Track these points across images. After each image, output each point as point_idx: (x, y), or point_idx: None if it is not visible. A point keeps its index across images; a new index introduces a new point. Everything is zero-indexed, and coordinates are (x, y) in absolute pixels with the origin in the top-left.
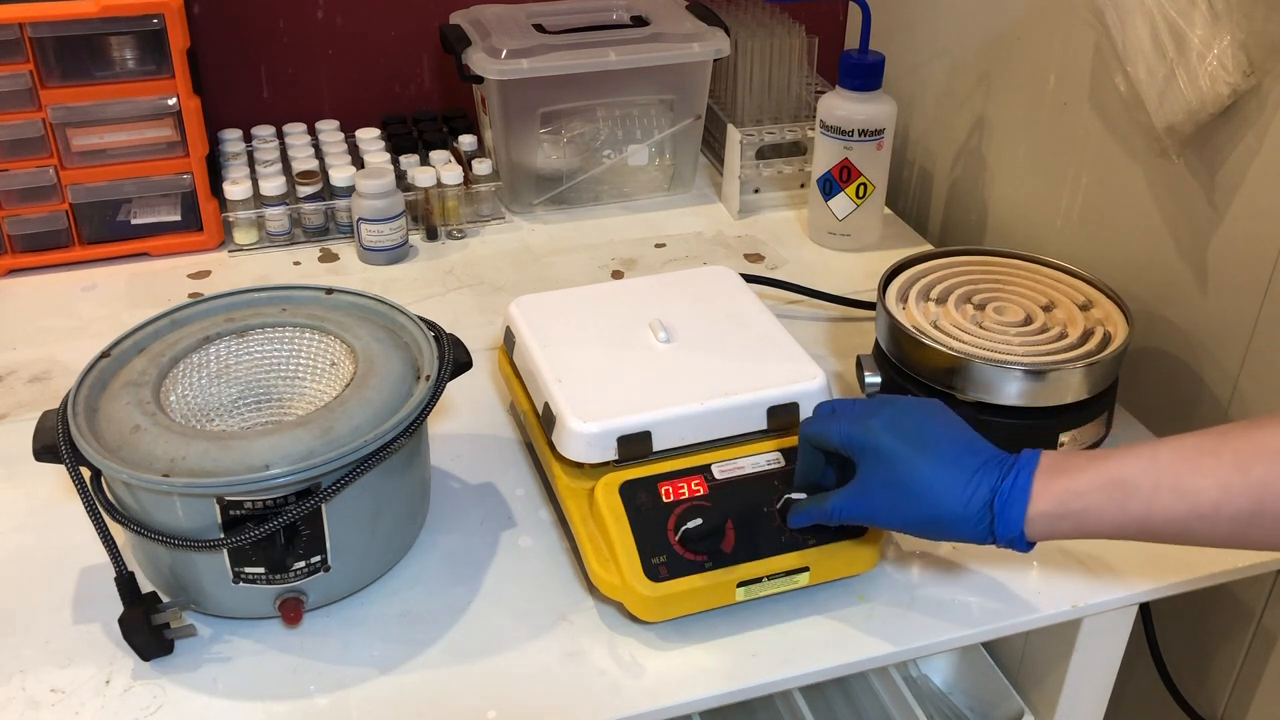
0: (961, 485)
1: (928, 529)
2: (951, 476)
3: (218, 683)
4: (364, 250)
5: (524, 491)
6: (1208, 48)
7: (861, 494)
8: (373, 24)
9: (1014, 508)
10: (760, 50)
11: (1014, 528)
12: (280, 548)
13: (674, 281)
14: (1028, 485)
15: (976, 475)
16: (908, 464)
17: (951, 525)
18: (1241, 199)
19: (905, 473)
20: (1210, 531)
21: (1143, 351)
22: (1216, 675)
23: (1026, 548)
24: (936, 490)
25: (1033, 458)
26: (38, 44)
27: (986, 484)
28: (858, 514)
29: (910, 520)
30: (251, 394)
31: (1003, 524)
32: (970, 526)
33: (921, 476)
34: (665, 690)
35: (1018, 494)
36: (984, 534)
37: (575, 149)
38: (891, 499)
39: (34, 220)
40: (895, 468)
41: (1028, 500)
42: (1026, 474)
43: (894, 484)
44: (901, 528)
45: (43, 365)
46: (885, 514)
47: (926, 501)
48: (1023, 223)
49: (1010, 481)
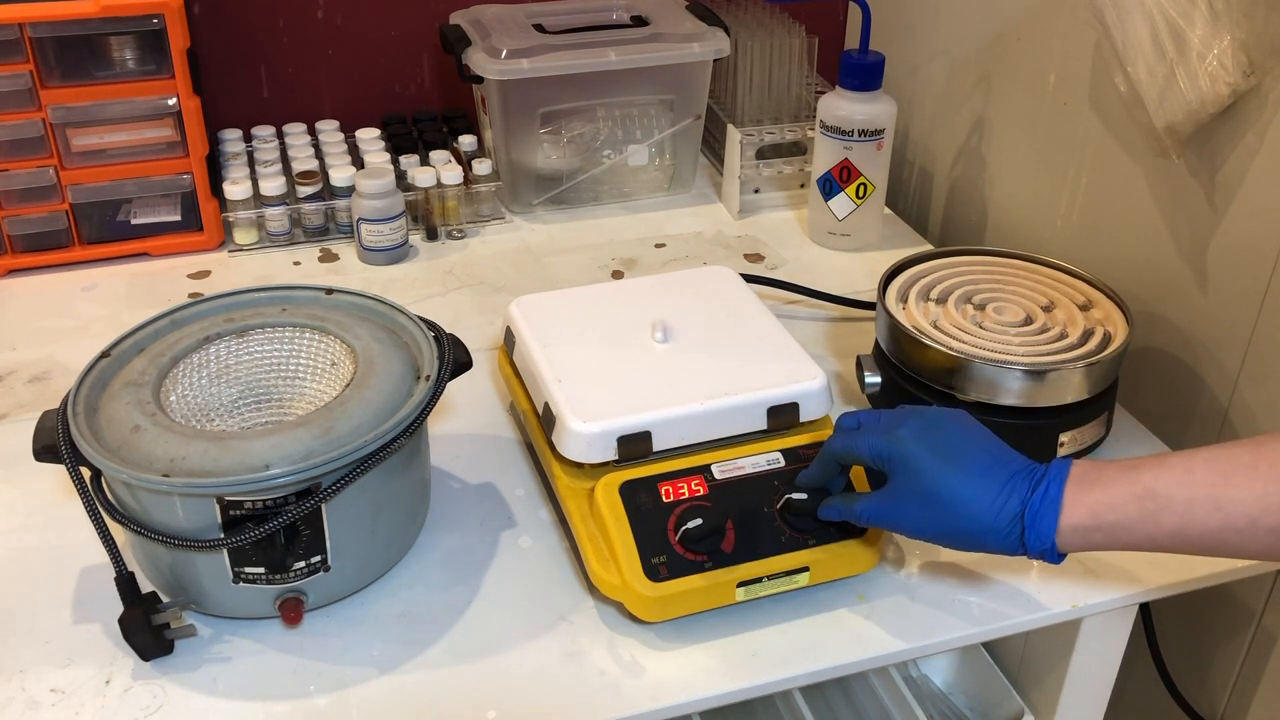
0: (991, 497)
1: (958, 540)
2: (982, 488)
3: (218, 683)
4: (364, 250)
5: (524, 491)
6: (1208, 48)
7: (892, 501)
8: (373, 24)
9: (1045, 520)
10: (760, 50)
11: (1045, 539)
12: (280, 548)
13: (674, 281)
14: (1059, 497)
15: (1007, 487)
16: (937, 475)
17: (982, 537)
18: (1241, 199)
19: (935, 484)
20: (1246, 545)
21: (1143, 351)
22: (1216, 675)
23: (1058, 559)
24: (967, 502)
25: (1063, 468)
26: (38, 44)
27: (1017, 496)
28: (885, 520)
29: (940, 531)
30: (251, 394)
31: (1034, 536)
32: (1000, 538)
33: (951, 488)
34: (665, 690)
35: (1049, 506)
36: (1015, 546)
37: (575, 149)
38: (921, 509)
39: (34, 220)
40: (924, 478)
41: (1059, 512)
42: (1058, 485)
43: (924, 494)
44: (931, 538)
45: (43, 365)
46: (914, 523)
47: (956, 513)
48: (1023, 223)
49: (1041, 493)
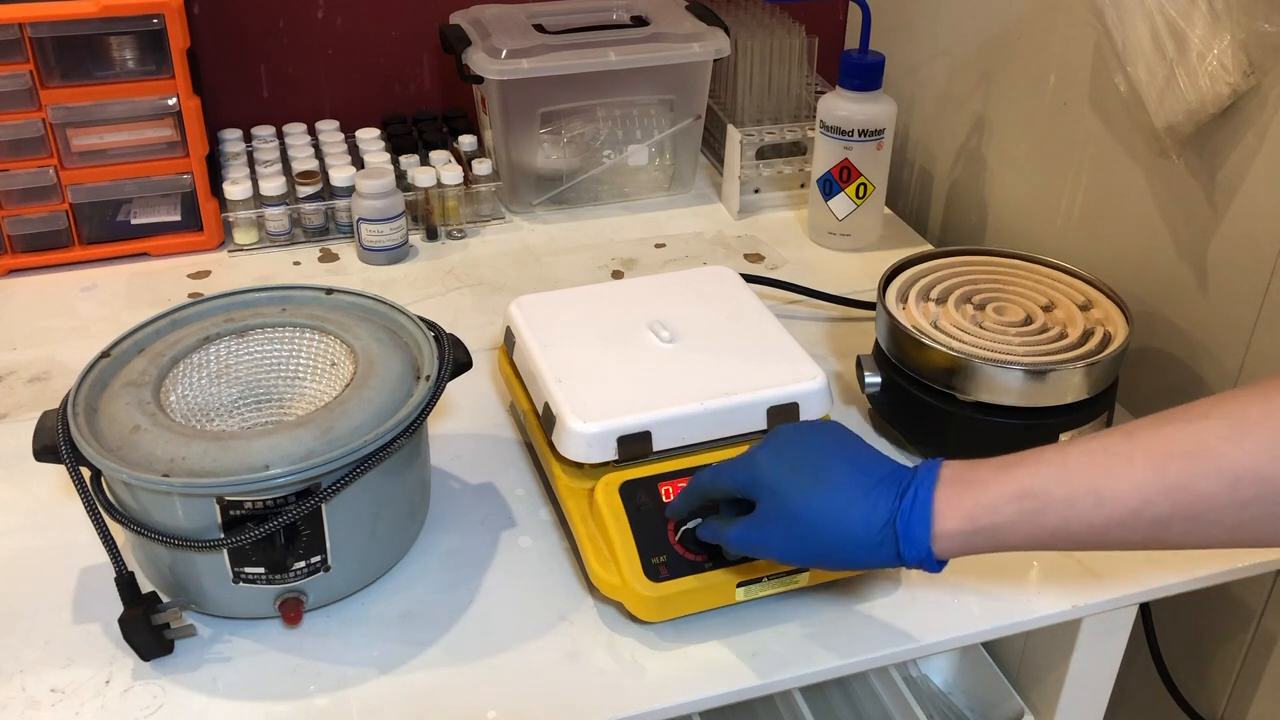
0: (856, 507)
1: (831, 558)
2: (845, 500)
3: (218, 683)
4: (364, 250)
5: (524, 491)
6: (1208, 48)
7: (758, 527)
8: (373, 24)
9: (917, 527)
10: (760, 50)
11: (920, 547)
12: (280, 548)
13: (674, 281)
14: (929, 500)
15: (871, 495)
16: (798, 494)
17: (854, 552)
18: (1241, 199)
19: (796, 503)
20: (1129, 537)
21: (1143, 351)
22: (1216, 675)
23: (937, 567)
24: (831, 518)
25: (931, 469)
26: (38, 44)
27: (884, 503)
28: (755, 546)
29: (811, 552)
30: (251, 394)
31: (908, 545)
32: (873, 551)
33: (813, 505)
34: (665, 690)
35: (920, 511)
36: (890, 557)
37: (575, 149)
38: (787, 532)
39: (34, 220)
40: (784, 499)
41: (930, 516)
42: (927, 488)
43: (787, 515)
44: (805, 561)
45: (43, 365)
46: (783, 547)
47: (823, 530)
48: (1023, 223)
49: (910, 499)
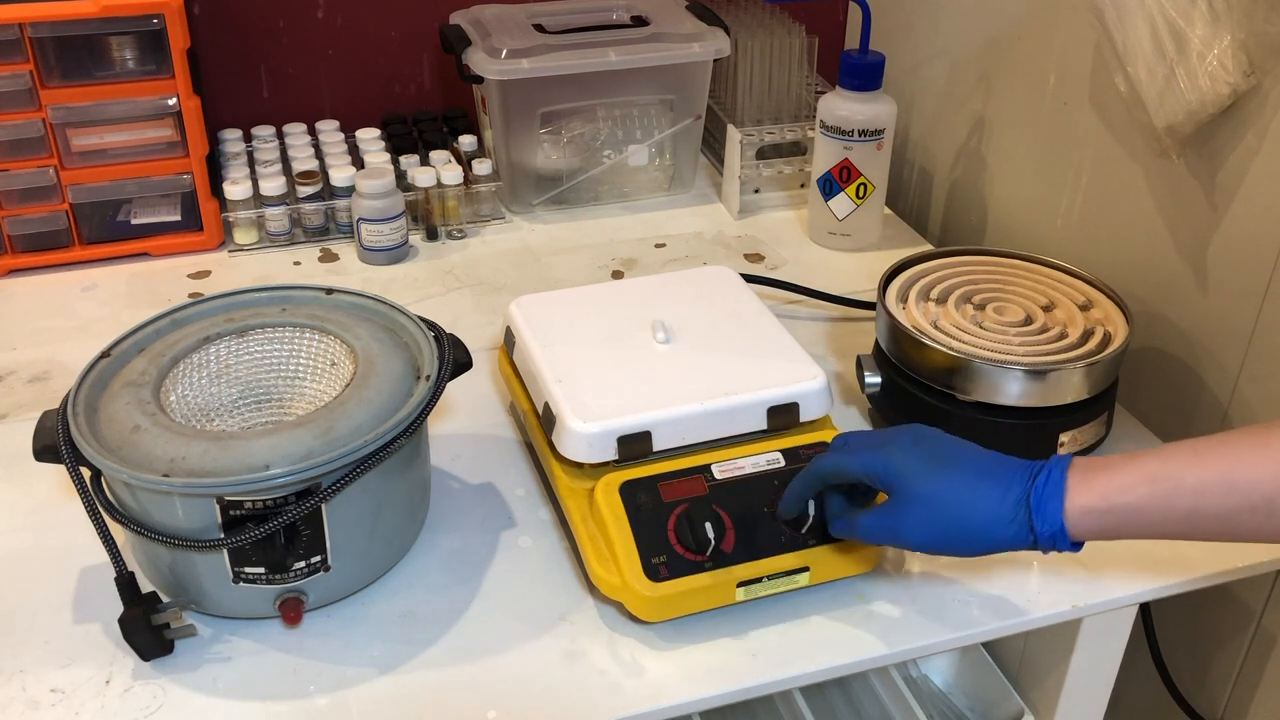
0: (991, 485)
1: (965, 539)
2: (982, 482)
3: (218, 683)
4: (364, 250)
5: (524, 491)
6: (1208, 48)
7: (893, 513)
8: (373, 24)
9: (1050, 501)
10: (760, 50)
11: (1053, 522)
12: (280, 548)
13: (674, 281)
14: (1062, 479)
15: (1007, 478)
16: (936, 477)
17: (988, 529)
18: (1241, 199)
19: (935, 485)
20: (1261, 526)
21: (1143, 351)
22: (1216, 675)
23: (1074, 547)
24: (968, 497)
25: (1064, 459)
26: (38, 44)
27: (1018, 483)
28: (889, 534)
29: (946, 533)
30: (251, 394)
31: (1041, 519)
32: (1005, 527)
33: (951, 486)
34: (665, 690)
35: (1053, 488)
36: (1024, 533)
37: (575, 149)
38: (924, 514)
39: (34, 220)
40: (923, 482)
41: (1063, 492)
42: (1060, 470)
43: (924, 498)
44: (938, 545)
45: (43, 365)
46: (918, 531)
47: (959, 510)
48: (1023, 223)
49: (1044, 478)
